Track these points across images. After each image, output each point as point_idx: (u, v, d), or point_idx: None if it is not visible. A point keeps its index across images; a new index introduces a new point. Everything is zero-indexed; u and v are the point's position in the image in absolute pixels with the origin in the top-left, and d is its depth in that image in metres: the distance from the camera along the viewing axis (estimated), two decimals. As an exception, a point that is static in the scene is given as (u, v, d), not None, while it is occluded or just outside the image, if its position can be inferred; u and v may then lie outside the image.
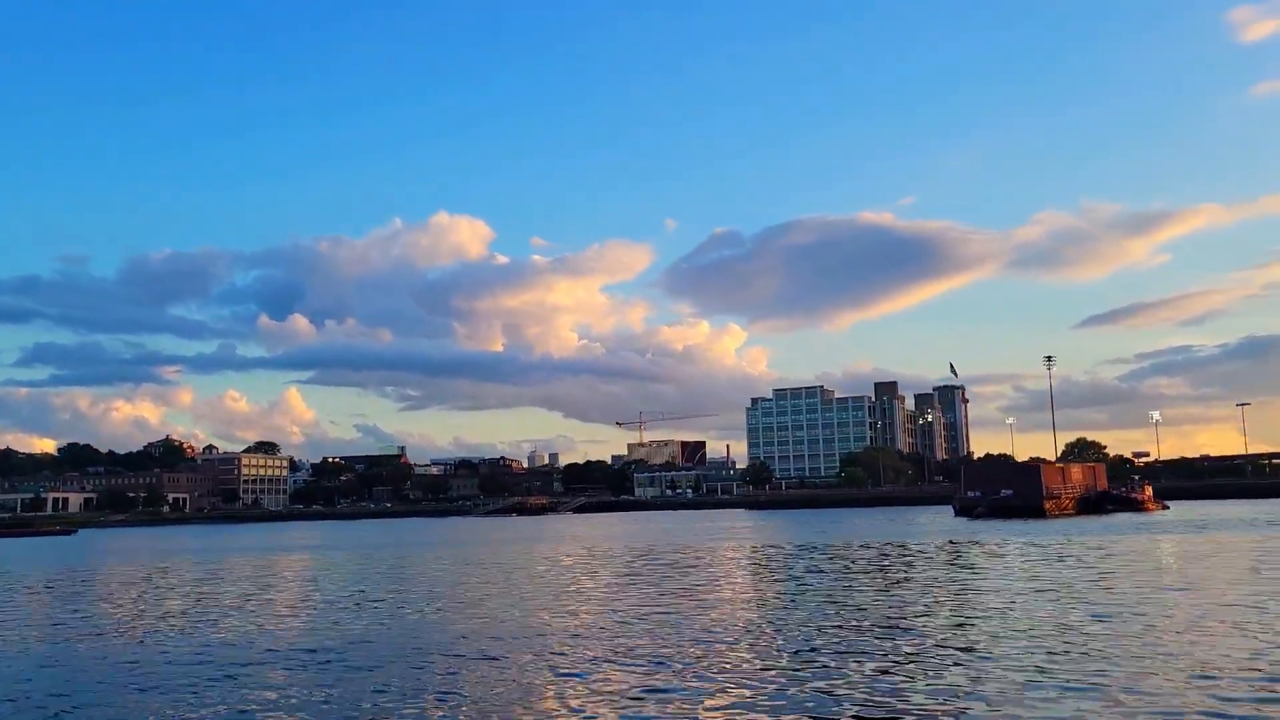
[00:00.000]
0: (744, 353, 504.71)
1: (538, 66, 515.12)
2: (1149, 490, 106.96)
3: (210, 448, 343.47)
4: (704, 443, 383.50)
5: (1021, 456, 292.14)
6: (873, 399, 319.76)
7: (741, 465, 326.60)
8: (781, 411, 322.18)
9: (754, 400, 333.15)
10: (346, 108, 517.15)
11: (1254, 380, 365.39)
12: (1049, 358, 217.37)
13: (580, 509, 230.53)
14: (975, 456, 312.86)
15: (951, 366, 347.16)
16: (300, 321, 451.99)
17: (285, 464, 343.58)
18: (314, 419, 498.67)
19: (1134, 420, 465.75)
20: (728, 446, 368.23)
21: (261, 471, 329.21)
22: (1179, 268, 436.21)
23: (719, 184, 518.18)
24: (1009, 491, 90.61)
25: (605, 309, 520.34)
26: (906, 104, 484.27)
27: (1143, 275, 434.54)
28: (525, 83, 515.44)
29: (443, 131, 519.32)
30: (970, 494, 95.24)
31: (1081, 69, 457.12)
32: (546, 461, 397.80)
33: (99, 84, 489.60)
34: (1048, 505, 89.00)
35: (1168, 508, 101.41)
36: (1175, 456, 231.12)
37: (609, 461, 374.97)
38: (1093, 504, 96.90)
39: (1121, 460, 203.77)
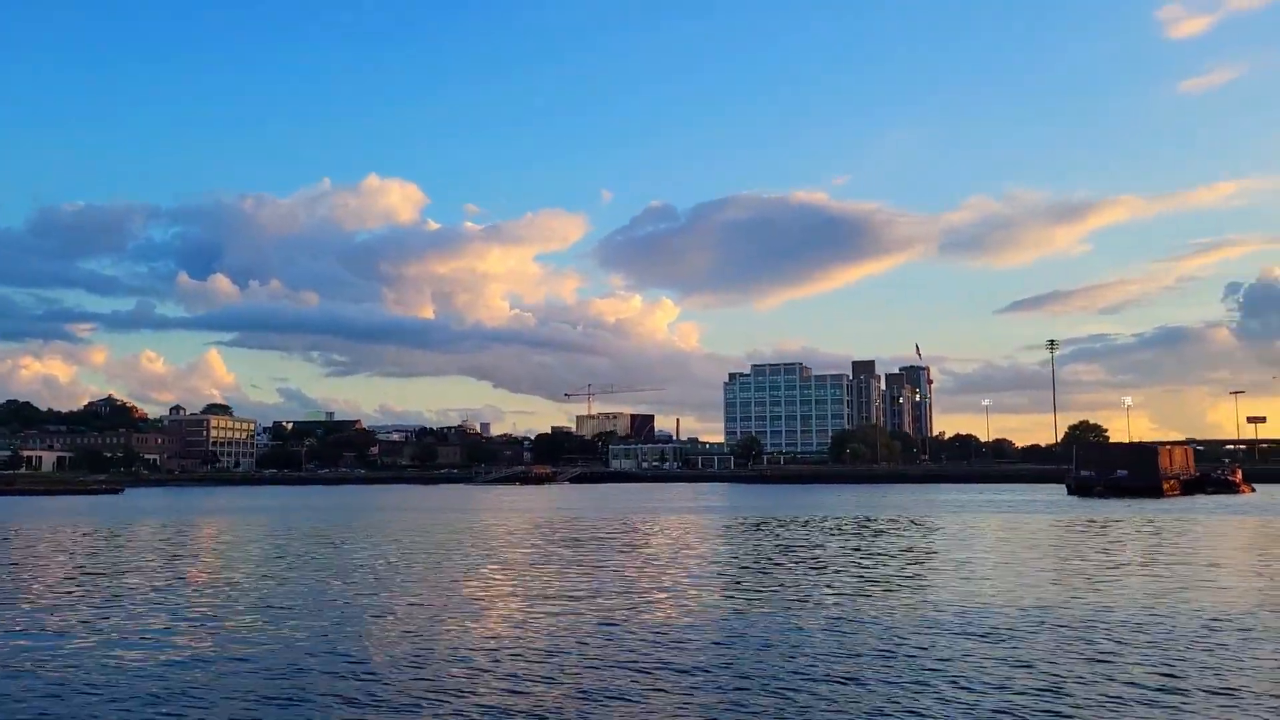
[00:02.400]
0: (676, 327, 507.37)
1: (477, 34, 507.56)
2: (1239, 473, 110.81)
3: (177, 408, 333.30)
4: (652, 416, 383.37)
5: (984, 436, 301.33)
6: (850, 377, 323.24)
7: (711, 439, 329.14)
8: (760, 388, 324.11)
9: (731, 375, 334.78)
10: (278, 62, 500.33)
11: (1166, 369, 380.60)
12: (1052, 342, 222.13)
13: (576, 479, 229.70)
14: (945, 436, 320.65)
15: (917, 348, 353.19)
16: (222, 281, 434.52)
17: (251, 427, 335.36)
18: (235, 382, 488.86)
19: (1049, 405, 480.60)
20: (677, 421, 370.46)
21: (229, 434, 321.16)
22: (1100, 257, 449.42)
23: (656, 157, 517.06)
24: (1124, 472, 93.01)
25: (538, 279, 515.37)
26: (843, 84, 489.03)
27: (1065, 263, 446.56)
28: (464, 49, 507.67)
29: (377, 93, 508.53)
30: (1085, 473, 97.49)
31: (1014, 59, 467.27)
32: (478, 430, 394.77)
33: (8, 26, 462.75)
34: (1165, 486, 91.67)
35: (1255, 490, 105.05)
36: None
37: (549, 432, 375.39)
38: (1195, 485, 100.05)
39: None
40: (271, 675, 17.55)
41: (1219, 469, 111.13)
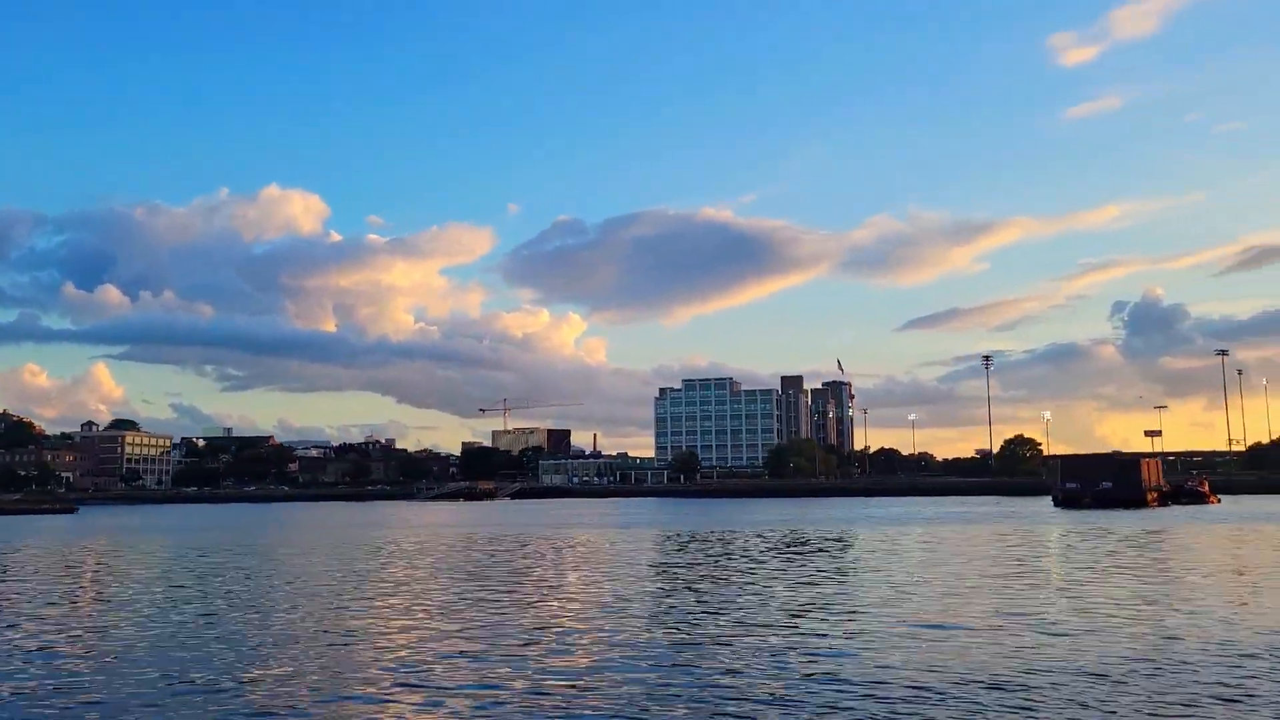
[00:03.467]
0: (583, 342, 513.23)
1: (382, 45, 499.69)
2: (1206, 485, 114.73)
3: (90, 424, 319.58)
4: (569, 431, 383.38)
5: (904, 450, 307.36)
6: (779, 392, 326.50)
7: (639, 454, 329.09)
8: (690, 402, 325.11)
9: (662, 390, 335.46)
10: (176, 67, 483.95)
11: (1056, 384, 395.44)
12: (987, 358, 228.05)
13: (516, 495, 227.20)
14: (871, 450, 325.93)
15: (839, 363, 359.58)
16: (111, 292, 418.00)
17: (167, 443, 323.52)
18: (123, 397, 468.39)
19: (950, 419, 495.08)
20: (594, 436, 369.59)
21: (143, 450, 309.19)
22: (995, 276, 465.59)
23: (564, 171, 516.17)
24: (1109, 484, 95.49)
25: (443, 292, 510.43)
26: (750, 103, 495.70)
27: (963, 282, 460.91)
28: (369, 60, 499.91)
29: (279, 101, 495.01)
30: (1070, 485, 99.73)
31: (914, 83, 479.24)
32: (384, 445, 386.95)
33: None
34: (1148, 497, 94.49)
35: (1220, 500, 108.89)
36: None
37: (457, 451, 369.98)
38: (1171, 496, 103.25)
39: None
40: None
41: (1189, 481, 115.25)
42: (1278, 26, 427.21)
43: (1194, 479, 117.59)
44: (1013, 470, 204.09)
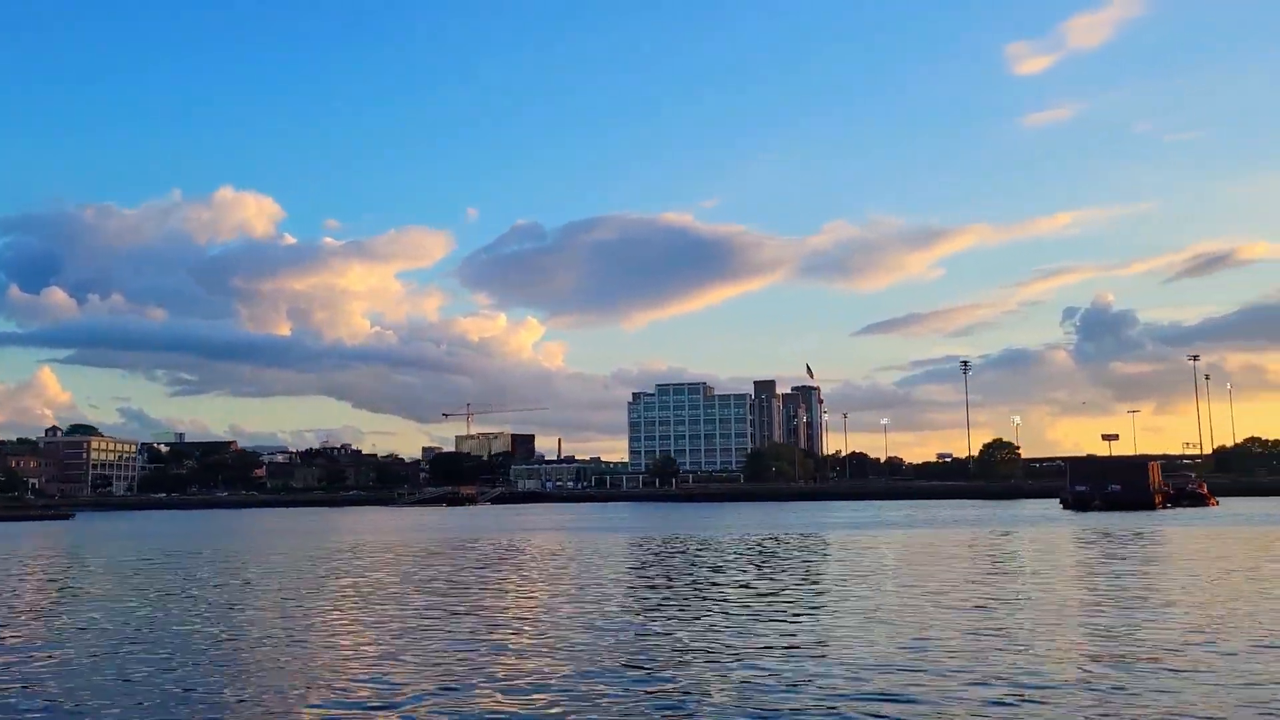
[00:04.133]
0: (541, 347, 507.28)
1: (342, 48, 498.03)
2: (1204, 486, 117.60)
3: (54, 429, 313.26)
4: (533, 436, 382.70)
5: (873, 454, 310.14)
6: (752, 396, 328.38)
7: (607, 458, 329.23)
8: (664, 406, 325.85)
9: (635, 395, 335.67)
10: (127, 66, 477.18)
11: (1011, 389, 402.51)
12: (965, 363, 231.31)
13: (496, 500, 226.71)
14: (841, 454, 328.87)
15: (808, 368, 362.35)
16: (58, 295, 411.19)
17: (132, 448, 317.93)
18: (70, 401, 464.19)
19: (907, 423, 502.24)
20: (559, 441, 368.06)
21: (108, 455, 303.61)
22: (951, 282, 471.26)
23: (524, 175, 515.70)
24: (1116, 486, 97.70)
25: (400, 296, 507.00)
26: (711, 109, 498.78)
27: (920, 287, 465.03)
28: (327, 62, 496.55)
29: (234, 103, 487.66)
30: (1079, 488, 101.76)
31: (874, 90, 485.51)
32: (339, 450, 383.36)
33: None
34: (1156, 500, 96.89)
35: (1219, 503, 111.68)
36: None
37: (418, 454, 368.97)
38: (1174, 499, 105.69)
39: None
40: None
41: (1189, 483, 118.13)
42: (1226, 39, 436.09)
43: (1193, 481, 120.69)
44: (991, 474, 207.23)
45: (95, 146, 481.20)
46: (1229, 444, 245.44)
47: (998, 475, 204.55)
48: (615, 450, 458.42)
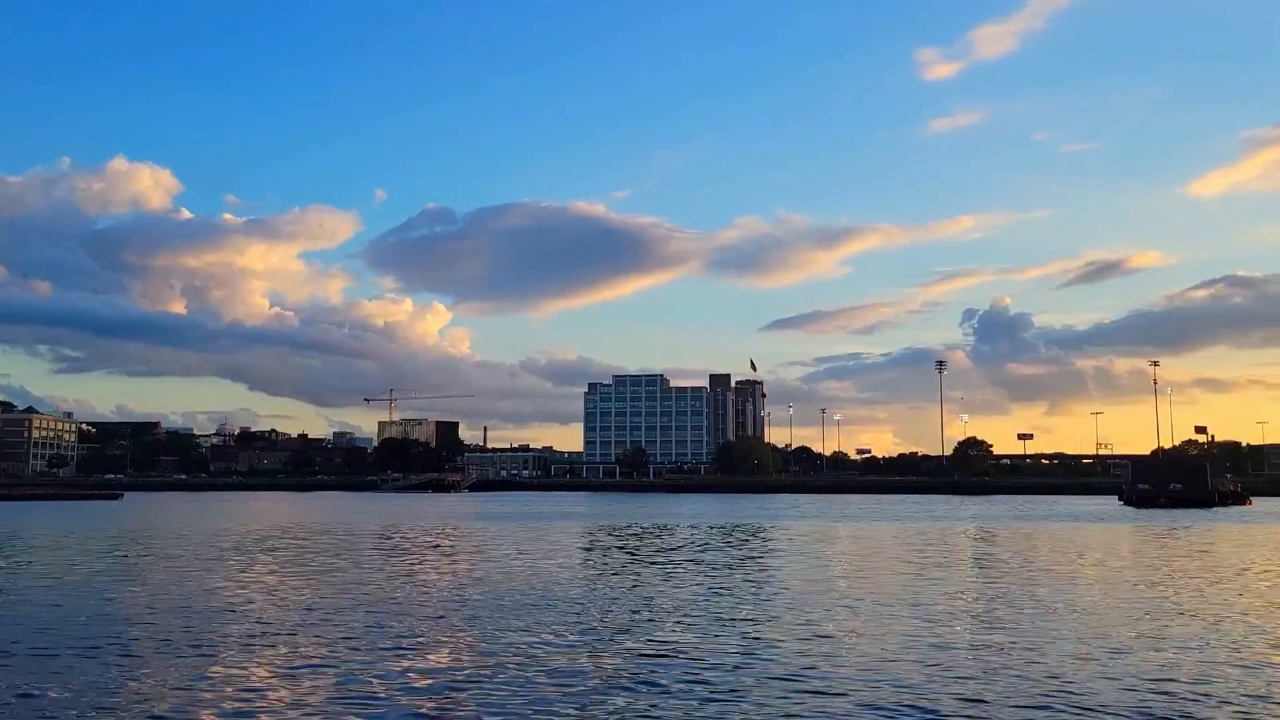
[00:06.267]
0: (447, 333, 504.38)
1: (251, 16, 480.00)
2: (1239, 486, 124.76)
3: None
4: (457, 424, 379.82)
5: (816, 448, 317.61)
6: (709, 390, 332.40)
7: (566, 449, 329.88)
8: (620, 398, 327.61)
9: (592, 385, 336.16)
10: (13, 26, 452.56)
11: (910, 387, 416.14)
12: (940, 363, 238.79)
13: (473, 488, 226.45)
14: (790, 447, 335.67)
15: (752, 362, 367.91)
16: None
17: (74, 427, 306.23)
18: None
19: (812, 419, 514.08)
20: (485, 429, 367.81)
21: (50, 435, 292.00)
22: (857, 280, 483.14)
23: (435, 159, 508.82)
24: (1178, 485, 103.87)
25: (302, 277, 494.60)
26: (625, 100, 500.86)
27: (826, 285, 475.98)
28: (235, 31, 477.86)
29: (130, 67, 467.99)
30: (1142, 486, 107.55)
31: (786, 89, 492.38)
32: (227, 434, 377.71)
33: None
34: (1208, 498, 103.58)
35: (1251, 502, 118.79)
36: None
37: (327, 438, 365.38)
38: (1219, 498, 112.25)
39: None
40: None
41: (1226, 484, 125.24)
42: (1120, 56, 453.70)
43: (1230, 482, 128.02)
44: (965, 470, 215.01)
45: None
46: (1167, 445, 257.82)
47: (972, 471, 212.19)
48: (543, 439, 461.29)
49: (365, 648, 21.24)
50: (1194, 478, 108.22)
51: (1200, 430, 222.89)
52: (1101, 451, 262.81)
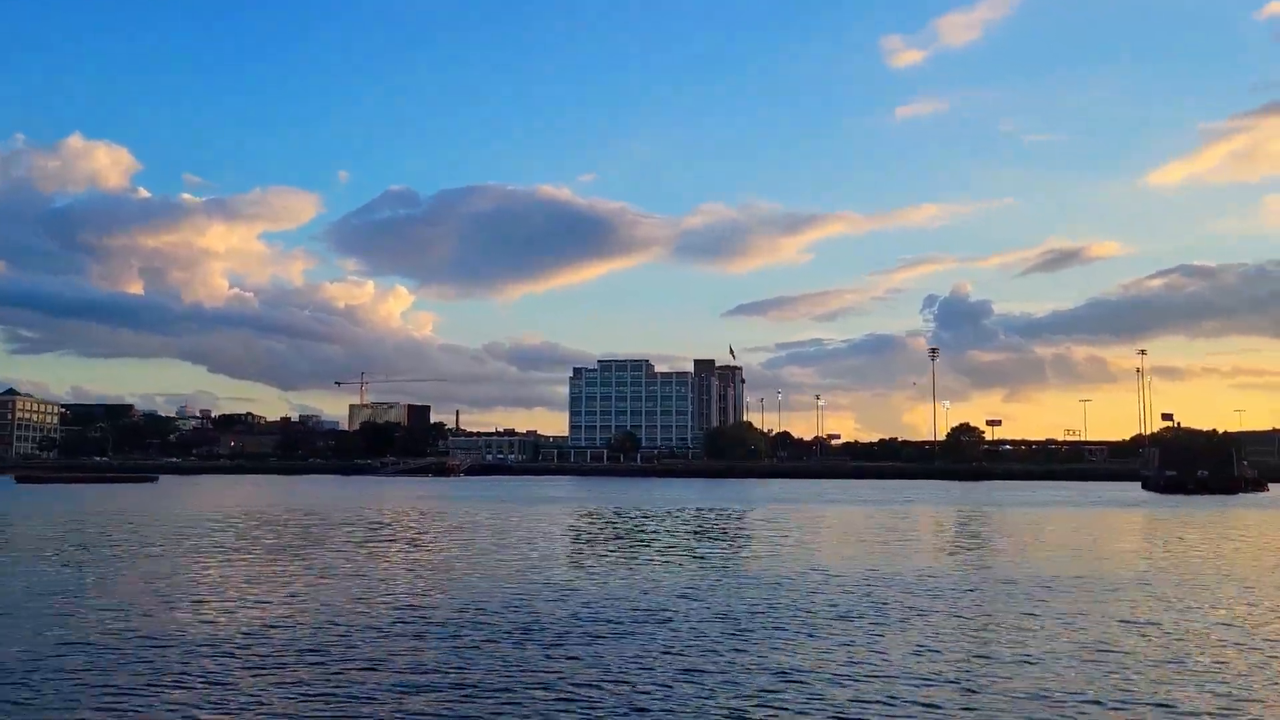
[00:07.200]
0: (410, 316, 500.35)
1: None
2: (1255, 472, 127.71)
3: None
4: (429, 407, 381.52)
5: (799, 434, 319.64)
6: (694, 375, 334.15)
7: (554, 434, 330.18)
8: (605, 383, 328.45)
9: (577, 370, 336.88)
10: None
11: (872, 374, 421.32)
12: (933, 350, 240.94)
13: (469, 471, 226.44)
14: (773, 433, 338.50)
15: (731, 349, 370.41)
16: None
17: (57, 411, 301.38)
18: None
19: (774, 404, 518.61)
20: (457, 413, 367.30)
21: (31, 417, 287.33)
22: (820, 267, 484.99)
23: (399, 140, 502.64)
24: (1205, 472, 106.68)
25: (263, 259, 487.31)
26: (592, 84, 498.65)
27: (789, 271, 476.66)
28: (194, 6, 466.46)
29: (87, 42, 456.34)
30: (1170, 472, 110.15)
31: (752, 75, 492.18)
32: (198, 416, 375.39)
33: None
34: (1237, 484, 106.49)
35: (1269, 489, 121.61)
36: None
37: (286, 419, 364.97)
38: (1241, 484, 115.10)
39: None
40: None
41: (1245, 469, 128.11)
42: (1082, 47, 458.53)
43: (1248, 468, 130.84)
44: (958, 456, 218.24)
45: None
46: (1145, 432, 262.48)
47: (964, 458, 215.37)
48: (510, 422, 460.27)
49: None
50: (1222, 464, 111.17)
51: (1167, 418, 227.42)
52: (1070, 438, 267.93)
